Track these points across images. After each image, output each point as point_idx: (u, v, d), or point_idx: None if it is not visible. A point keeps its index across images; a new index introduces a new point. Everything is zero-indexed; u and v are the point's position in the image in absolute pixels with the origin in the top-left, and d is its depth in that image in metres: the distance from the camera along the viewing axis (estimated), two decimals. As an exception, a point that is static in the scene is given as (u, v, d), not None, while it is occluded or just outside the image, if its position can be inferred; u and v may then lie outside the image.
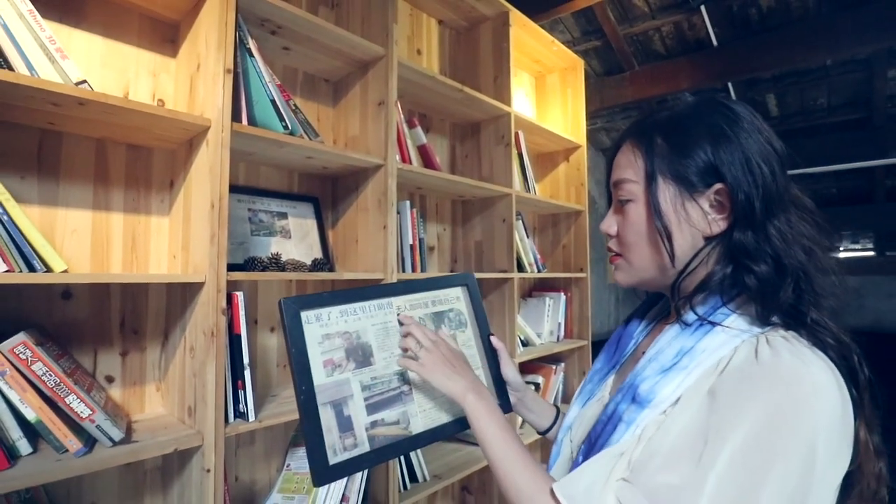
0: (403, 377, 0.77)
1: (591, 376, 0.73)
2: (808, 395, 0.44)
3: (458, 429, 0.79)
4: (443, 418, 0.78)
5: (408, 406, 0.75)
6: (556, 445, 0.70)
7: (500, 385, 0.85)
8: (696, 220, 0.57)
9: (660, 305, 0.74)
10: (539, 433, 0.86)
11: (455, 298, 0.88)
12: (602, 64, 3.54)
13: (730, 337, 0.51)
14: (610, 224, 0.65)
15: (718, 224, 0.56)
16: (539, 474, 0.57)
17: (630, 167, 0.61)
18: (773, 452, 0.43)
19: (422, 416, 0.76)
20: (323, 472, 0.65)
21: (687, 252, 0.58)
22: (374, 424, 0.71)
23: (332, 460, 0.66)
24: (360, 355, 0.73)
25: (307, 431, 0.65)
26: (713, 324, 0.53)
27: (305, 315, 0.69)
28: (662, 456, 0.48)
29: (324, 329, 0.71)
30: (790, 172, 0.57)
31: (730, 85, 3.63)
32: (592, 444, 0.57)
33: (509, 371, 0.84)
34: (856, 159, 4.08)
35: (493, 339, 0.85)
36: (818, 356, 0.48)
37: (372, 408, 0.72)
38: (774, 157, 0.55)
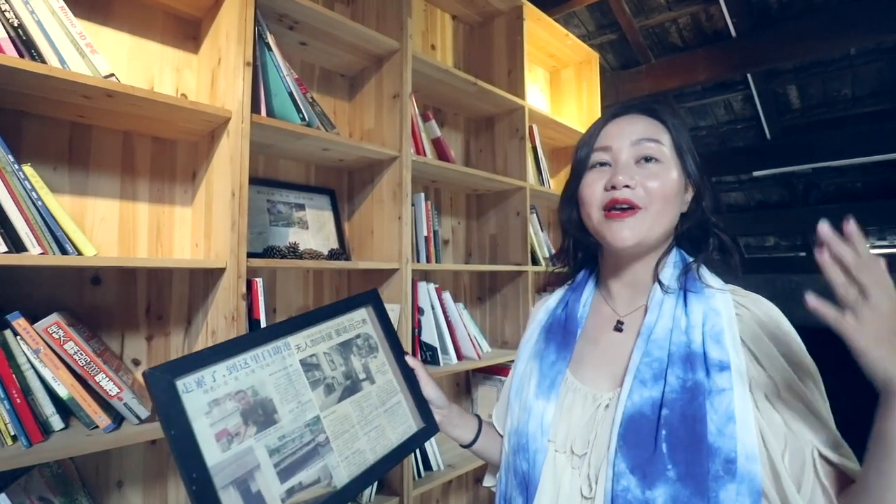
0: (316, 426, 0.67)
1: (545, 370, 0.68)
2: None
3: (388, 466, 0.72)
4: (368, 459, 0.70)
5: (327, 458, 0.66)
6: (526, 453, 0.65)
7: (423, 407, 0.79)
8: (686, 197, 0.68)
9: (581, 280, 0.76)
10: (463, 446, 0.82)
11: (360, 322, 0.80)
12: (617, 57, 3.51)
13: (720, 294, 0.62)
14: (632, 175, 0.62)
15: (690, 204, 0.68)
16: None
17: (655, 132, 0.65)
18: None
19: (345, 465, 0.67)
20: None
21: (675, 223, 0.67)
22: (290, 493, 0.61)
23: None
24: (261, 415, 0.62)
25: None
26: (708, 286, 0.63)
27: (182, 383, 0.57)
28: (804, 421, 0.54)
29: (209, 395, 0.58)
30: (812, 166, 0.63)
31: (749, 76, 3.56)
32: (689, 427, 0.53)
33: (430, 390, 0.79)
34: (882, 152, 3.95)
35: (409, 359, 0.80)
36: None
37: (285, 473, 0.61)
38: None
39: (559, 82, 2.56)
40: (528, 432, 0.65)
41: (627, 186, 0.62)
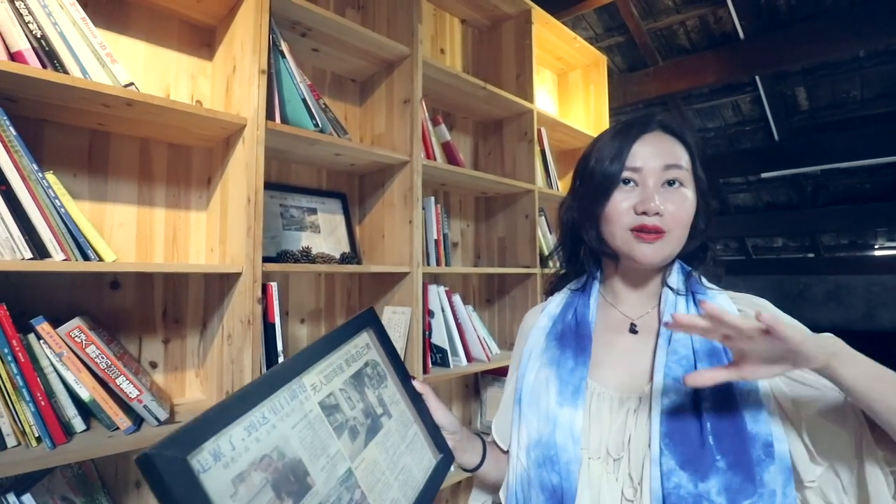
0: (350, 480, 0.58)
1: (565, 377, 0.67)
2: None
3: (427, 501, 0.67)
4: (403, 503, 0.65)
5: None
6: (555, 465, 0.62)
7: (436, 435, 0.74)
8: None
9: (582, 284, 0.77)
10: (468, 471, 0.78)
11: (365, 347, 0.73)
12: (625, 60, 3.52)
13: (721, 295, 0.67)
14: (662, 202, 0.64)
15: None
16: None
17: (681, 156, 0.66)
18: None
19: None
20: None
21: None
22: None
23: None
24: (294, 481, 0.51)
25: None
26: (710, 289, 0.69)
27: (198, 461, 0.43)
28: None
29: (231, 469, 0.46)
30: (821, 168, 0.64)
31: (757, 78, 3.55)
32: (730, 418, 0.56)
33: (441, 414, 0.75)
34: (891, 153, 3.94)
35: (416, 384, 0.77)
36: None
37: None
38: None
39: (567, 85, 2.56)
40: (556, 443, 0.62)
41: (658, 214, 0.63)
